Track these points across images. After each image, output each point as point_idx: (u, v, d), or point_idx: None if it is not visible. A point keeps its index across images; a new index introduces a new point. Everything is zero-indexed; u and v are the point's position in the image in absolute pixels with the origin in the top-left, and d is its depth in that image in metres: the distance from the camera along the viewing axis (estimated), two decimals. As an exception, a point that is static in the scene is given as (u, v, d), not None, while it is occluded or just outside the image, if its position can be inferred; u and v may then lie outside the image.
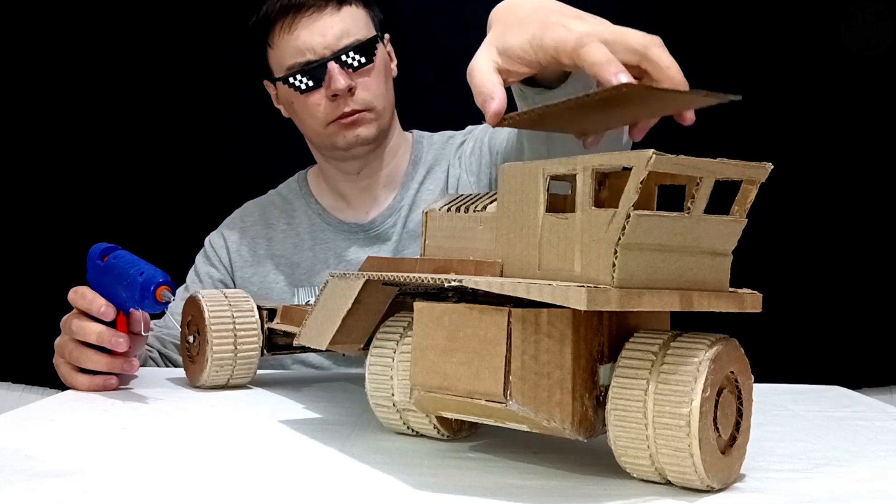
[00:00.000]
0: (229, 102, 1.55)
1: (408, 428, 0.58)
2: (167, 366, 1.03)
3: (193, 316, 0.78)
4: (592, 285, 0.43)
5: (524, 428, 0.47)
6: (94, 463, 0.51)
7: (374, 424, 0.61)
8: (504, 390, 0.44)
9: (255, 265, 1.13)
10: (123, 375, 0.79)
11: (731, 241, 0.49)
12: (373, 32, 1.04)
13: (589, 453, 0.54)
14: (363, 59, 1.01)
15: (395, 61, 1.10)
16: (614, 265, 0.43)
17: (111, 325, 0.77)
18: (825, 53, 1.47)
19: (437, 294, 0.55)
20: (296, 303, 1.07)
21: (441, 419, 0.57)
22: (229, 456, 0.54)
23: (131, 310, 0.78)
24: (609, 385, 0.46)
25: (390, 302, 0.59)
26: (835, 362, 1.42)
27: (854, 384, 0.92)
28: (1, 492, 0.44)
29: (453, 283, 0.47)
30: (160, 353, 1.03)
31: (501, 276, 0.49)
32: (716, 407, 0.45)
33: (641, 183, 0.42)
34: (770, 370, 0.75)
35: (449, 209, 0.55)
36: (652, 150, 0.42)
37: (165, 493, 0.45)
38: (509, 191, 0.49)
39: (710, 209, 0.46)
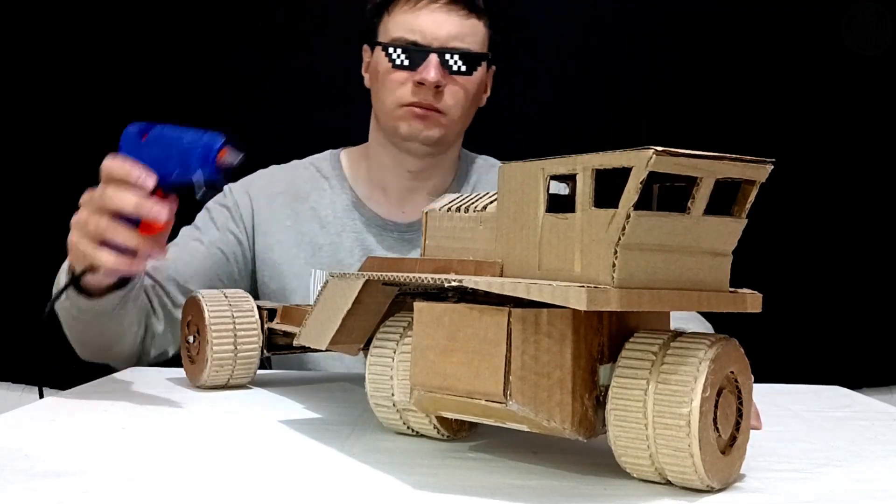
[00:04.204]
0: (229, 102, 1.55)
1: (408, 428, 0.58)
2: (165, 311, 0.96)
3: (193, 316, 0.78)
4: (592, 285, 0.43)
5: (524, 428, 0.47)
6: (94, 463, 0.51)
7: (374, 424, 0.61)
8: (504, 390, 0.44)
9: (278, 233, 1.10)
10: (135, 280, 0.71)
11: (731, 241, 0.49)
12: (484, 51, 1.05)
13: (589, 453, 0.54)
14: (463, 68, 1.02)
15: (489, 94, 1.11)
16: (614, 265, 0.43)
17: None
18: (825, 53, 1.47)
19: (438, 294, 0.55)
20: (311, 283, 1.07)
21: (441, 419, 0.57)
22: (229, 456, 0.54)
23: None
24: (609, 385, 0.46)
25: (390, 302, 0.59)
26: (835, 362, 1.42)
27: (854, 384, 0.92)
28: (1, 492, 0.44)
29: (453, 283, 0.47)
30: (159, 298, 0.96)
31: (501, 276, 0.49)
32: (716, 407, 0.45)
33: (642, 183, 0.42)
34: (770, 370, 0.75)
35: (449, 209, 0.55)
36: (652, 150, 0.42)
37: (165, 493, 0.45)
38: (509, 191, 0.49)
39: (710, 209, 0.46)
